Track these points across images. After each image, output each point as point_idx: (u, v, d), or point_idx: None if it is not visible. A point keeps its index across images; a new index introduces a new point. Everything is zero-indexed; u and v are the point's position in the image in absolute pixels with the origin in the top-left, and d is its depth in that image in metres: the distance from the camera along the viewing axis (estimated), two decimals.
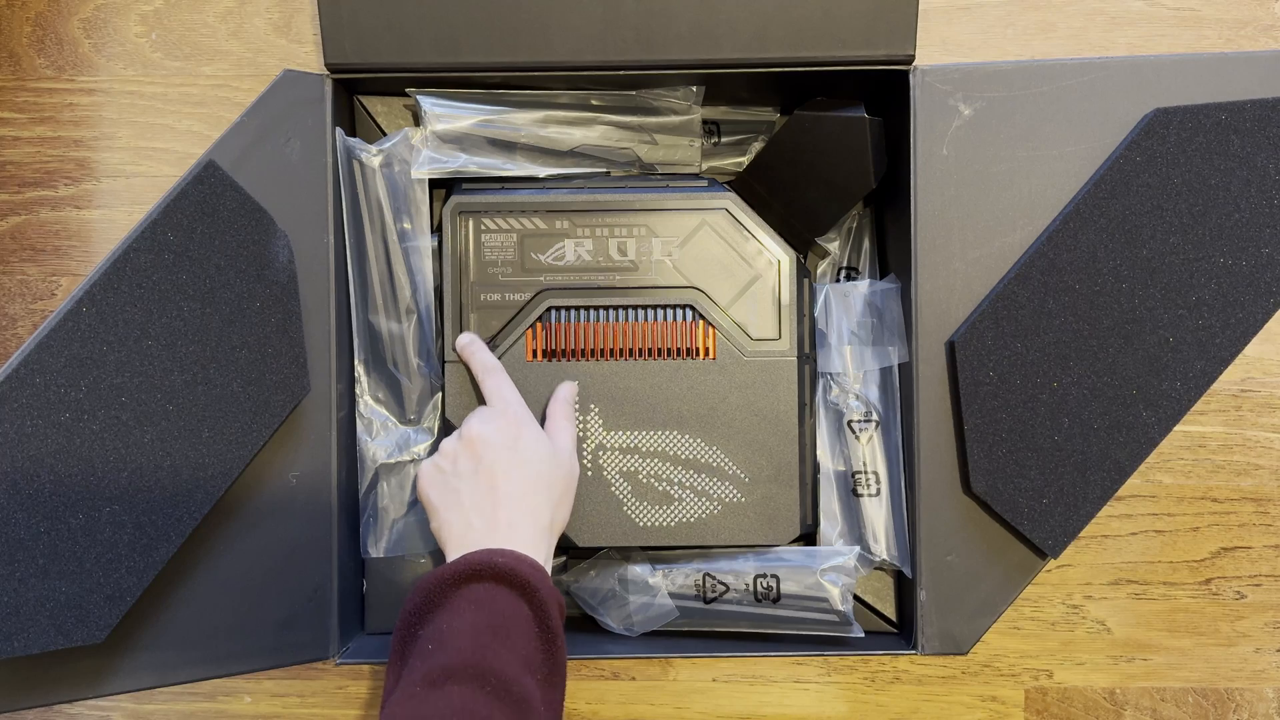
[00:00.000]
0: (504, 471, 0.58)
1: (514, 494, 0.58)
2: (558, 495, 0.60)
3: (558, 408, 0.65)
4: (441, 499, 0.59)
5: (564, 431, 0.63)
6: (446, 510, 0.59)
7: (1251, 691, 0.74)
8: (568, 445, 0.62)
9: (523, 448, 0.59)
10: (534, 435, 0.61)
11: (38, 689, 0.57)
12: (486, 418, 0.61)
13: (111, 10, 0.74)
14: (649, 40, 0.63)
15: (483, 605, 0.53)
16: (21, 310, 0.74)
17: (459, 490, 0.59)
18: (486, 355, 0.65)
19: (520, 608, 0.53)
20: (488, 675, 0.50)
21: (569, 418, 0.64)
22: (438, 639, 0.52)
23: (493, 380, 0.64)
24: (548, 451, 0.60)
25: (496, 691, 0.49)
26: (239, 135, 0.62)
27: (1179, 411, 0.63)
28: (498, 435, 0.59)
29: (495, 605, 0.53)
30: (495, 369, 0.65)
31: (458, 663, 0.50)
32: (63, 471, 0.55)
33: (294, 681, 0.74)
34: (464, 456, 0.59)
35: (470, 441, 0.60)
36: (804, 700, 0.74)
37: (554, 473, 0.60)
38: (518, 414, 0.61)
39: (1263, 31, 0.74)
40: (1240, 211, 0.62)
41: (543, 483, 0.59)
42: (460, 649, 0.51)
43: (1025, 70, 0.64)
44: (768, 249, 0.67)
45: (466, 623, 0.52)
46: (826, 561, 0.66)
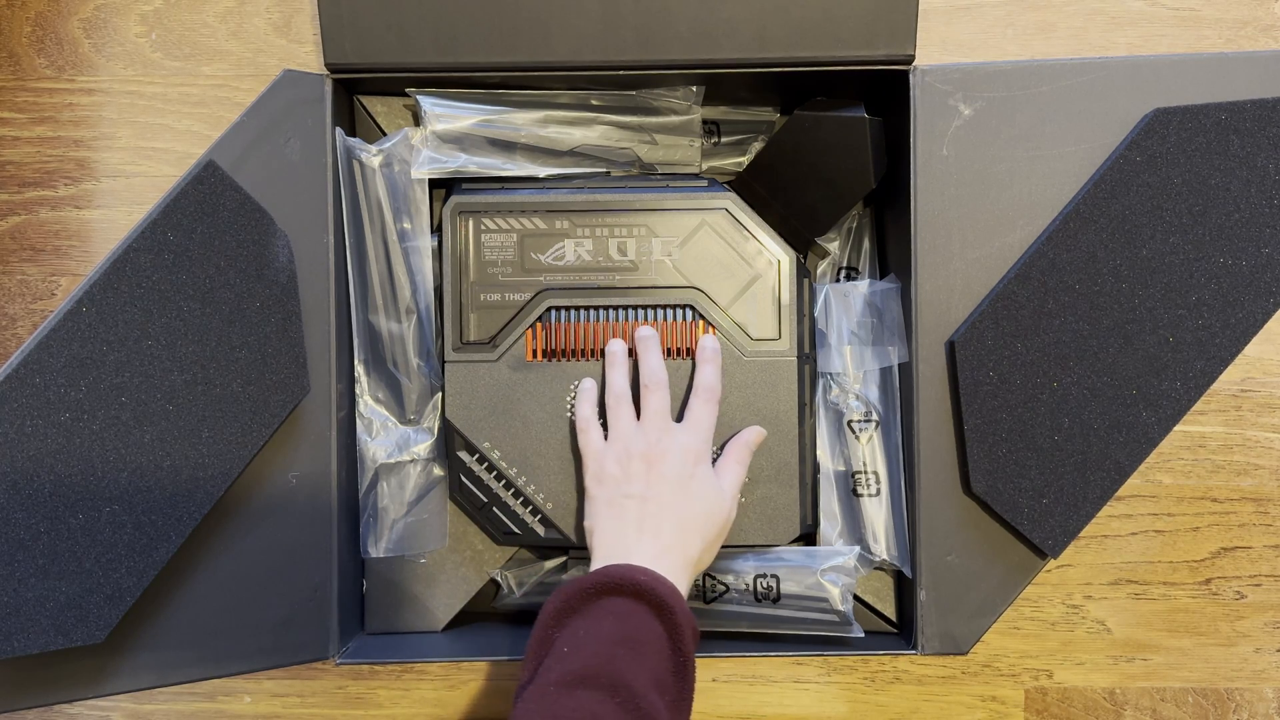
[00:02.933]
0: (671, 502, 0.60)
1: (674, 526, 0.59)
2: (711, 537, 0.61)
3: (735, 449, 0.65)
4: (607, 507, 0.61)
5: (733, 474, 0.64)
6: (607, 519, 0.60)
7: (1251, 691, 0.74)
8: (733, 489, 0.63)
9: (696, 484, 0.61)
10: (706, 474, 0.62)
11: (38, 689, 0.57)
12: (676, 436, 0.62)
13: (111, 10, 0.74)
14: (649, 40, 0.63)
15: (620, 618, 0.54)
16: (21, 310, 0.74)
17: (624, 504, 0.60)
18: (715, 375, 0.65)
19: (655, 627, 0.54)
20: (619, 686, 0.51)
21: (742, 461, 0.64)
22: (574, 644, 0.53)
23: (704, 405, 0.64)
24: (715, 493, 0.62)
25: (625, 704, 0.50)
26: (239, 135, 0.62)
27: (1179, 411, 0.63)
28: (678, 463, 0.61)
29: (632, 620, 0.54)
30: (712, 393, 0.64)
31: (592, 669, 0.51)
32: (63, 471, 0.55)
33: (294, 681, 0.74)
34: (639, 470, 0.61)
35: (650, 458, 0.61)
36: (804, 700, 0.74)
37: (715, 517, 0.61)
38: (701, 448, 0.62)
39: (1263, 31, 0.74)
40: (1240, 211, 0.62)
41: (702, 522, 0.60)
42: (595, 656, 0.52)
43: (1025, 70, 0.64)
44: (768, 249, 0.67)
45: (603, 632, 0.53)
46: (826, 561, 0.66)
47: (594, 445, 0.63)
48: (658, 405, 0.63)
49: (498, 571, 0.71)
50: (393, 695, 0.74)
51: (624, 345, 0.66)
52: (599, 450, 0.63)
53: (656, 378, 0.64)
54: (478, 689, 0.74)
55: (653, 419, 0.63)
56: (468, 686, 0.74)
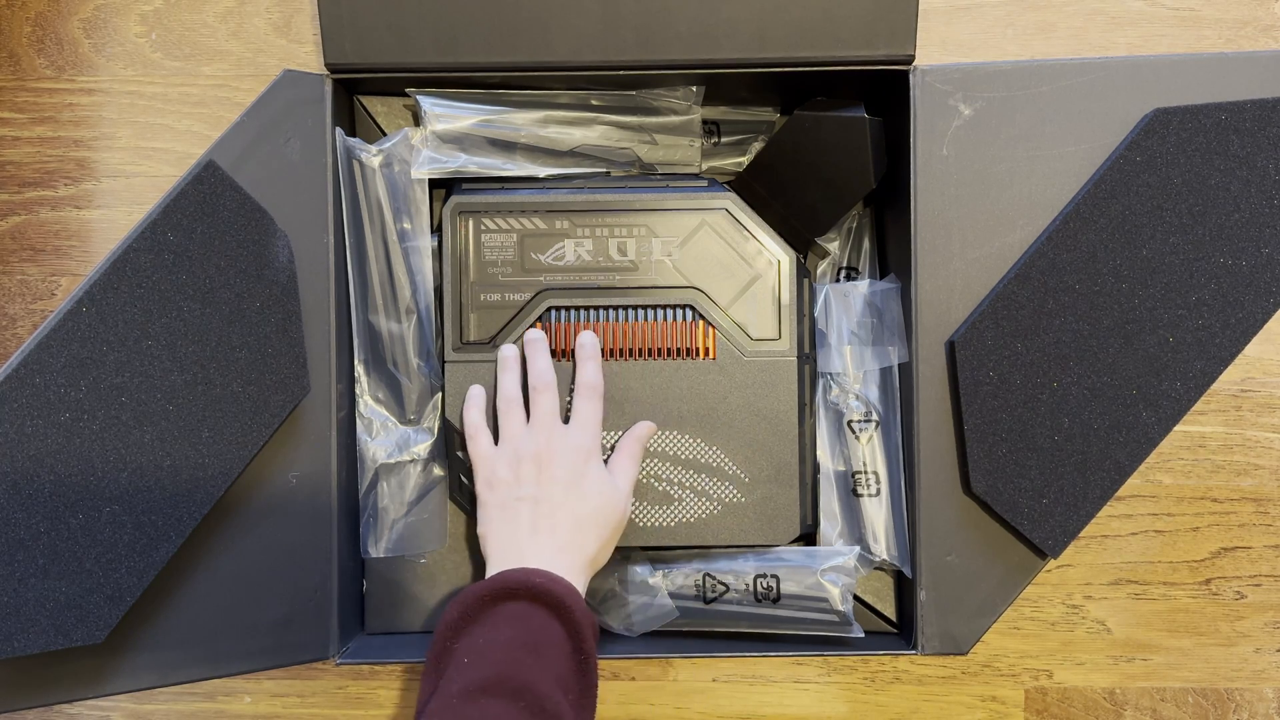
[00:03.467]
0: (563, 503, 0.60)
1: (568, 526, 0.59)
2: (607, 535, 0.61)
3: (628, 444, 0.65)
4: (499, 510, 0.61)
5: (627, 470, 0.64)
6: (500, 522, 0.60)
7: (1251, 691, 0.74)
8: (627, 486, 0.63)
9: (588, 483, 0.61)
10: (598, 471, 0.62)
11: (38, 689, 0.57)
12: (563, 436, 0.62)
13: (111, 10, 0.74)
14: (649, 40, 0.63)
15: (519, 622, 0.54)
16: (21, 310, 0.74)
17: (517, 509, 0.60)
18: (596, 371, 0.65)
19: (555, 627, 0.54)
20: (522, 691, 0.51)
21: (635, 457, 0.64)
22: (474, 653, 0.53)
23: (588, 402, 0.64)
24: (609, 490, 0.61)
25: (531, 708, 0.50)
26: (239, 135, 0.62)
27: (1179, 411, 0.63)
28: (567, 463, 0.61)
29: (531, 623, 0.54)
30: (595, 389, 0.64)
31: (493, 677, 0.51)
32: (63, 471, 0.55)
33: (294, 681, 0.74)
34: (529, 472, 0.61)
35: (539, 459, 0.61)
36: (804, 700, 0.74)
37: (609, 513, 0.61)
38: (591, 445, 0.62)
39: (1263, 31, 0.74)
40: (1240, 211, 0.62)
41: (596, 519, 0.60)
42: (496, 663, 0.52)
43: (1025, 70, 0.64)
44: (768, 249, 0.67)
45: (503, 638, 0.53)
46: (826, 561, 0.66)
47: (484, 450, 0.63)
48: (547, 407, 0.63)
49: None
50: (393, 695, 0.74)
51: (515, 350, 0.66)
52: (489, 455, 0.63)
53: (544, 379, 0.64)
54: None
55: (542, 420, 0.62)
56: None
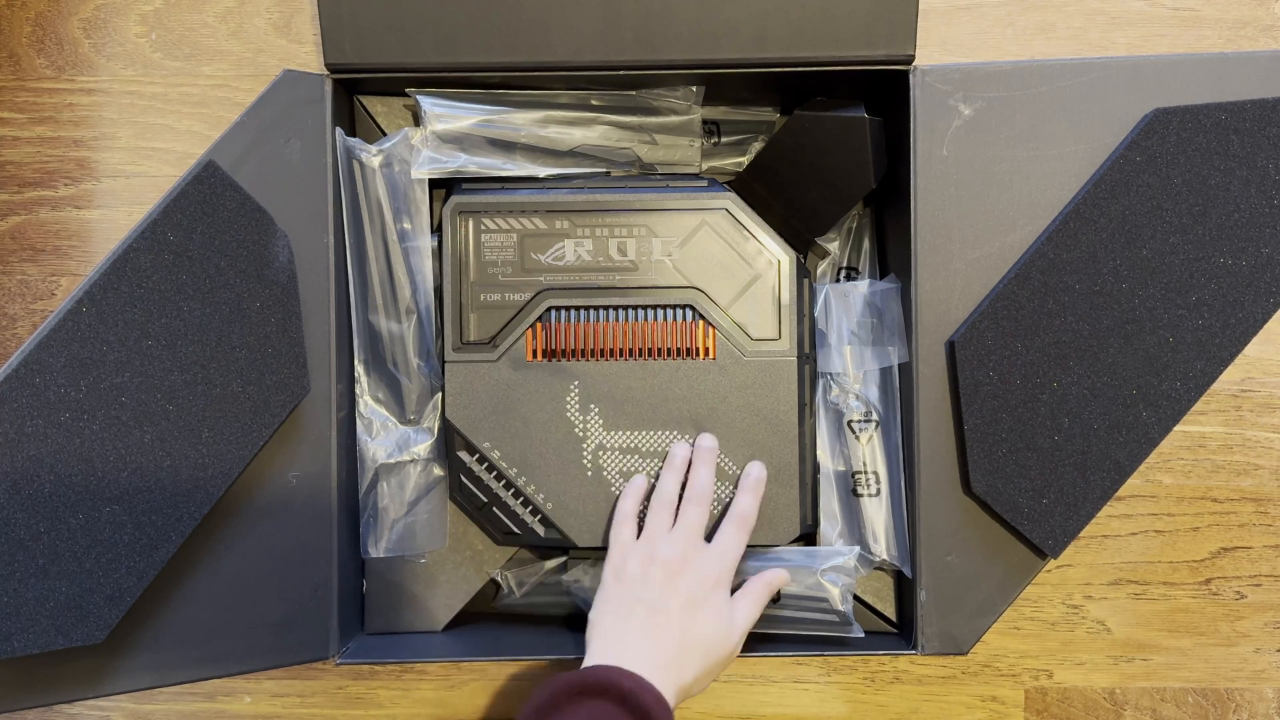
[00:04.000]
0: (678, 621, 0.59)
1: (673, 645, 0.59)
2: (709, 667, 0.60)
3: (757, 586, 0.64)
4: (618, 604, 0.60)
5: (748, 612, 0.62)
6: (614, 616, 0.60)
7: (1251, 691, 0.74)
8: (744, 626, 0.62)
9: (707, 610, 0.60)
10: (721, 602, 0.61)
11: (38, 689, 0.57)
12: (699, 555, 0.62)
13: (111, 10, 0.74)
14: (649, 40, 0.63)
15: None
16: (21, 310, 0.74)
17: (634, 609, 0.60)
18: (753, 505, 0.64)
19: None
20: None
21: (761, 601, 0.63)
22: None
23: (735, 532, 0.63)
24: (725, 625, 0.61)
25: None
26: (239, 135, 0.62)
27: (1179, 411, 0.63)
28: (695, 584, 0.60)
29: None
30: (746, 521, 0.64)
31: None
32: (63, 471, 0.55)
33: (294, 681, 0.74)
34: (658, 578, 0.60)
35: (673, 570, 0.61)
36: (804, 700, 0.74)
37: (717, 647, 0.60)
38: (723, 575, 0.62)
39: (1263, 31, 0.74)
40: (1240, 211, 0.62)
41: (704, 650, 0.60)
42: None
43: (1025, 70, 0.64)
44: (768, 249, 0.67)
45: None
46: (826, 561, 0.66)
47: (623, 540, 0.63)
48: (694, 519, 0.63)
49: (498, 571, 0.71)
50: (393, 695, 0.74)
51: (686, 450, 0.65)
52: (625, 546, 0.63)
53: (701, 492, 0.64)
54: (478, 689, 0.74)
55: (686, 531, 0.62)
56: (468, 686, 0.74)
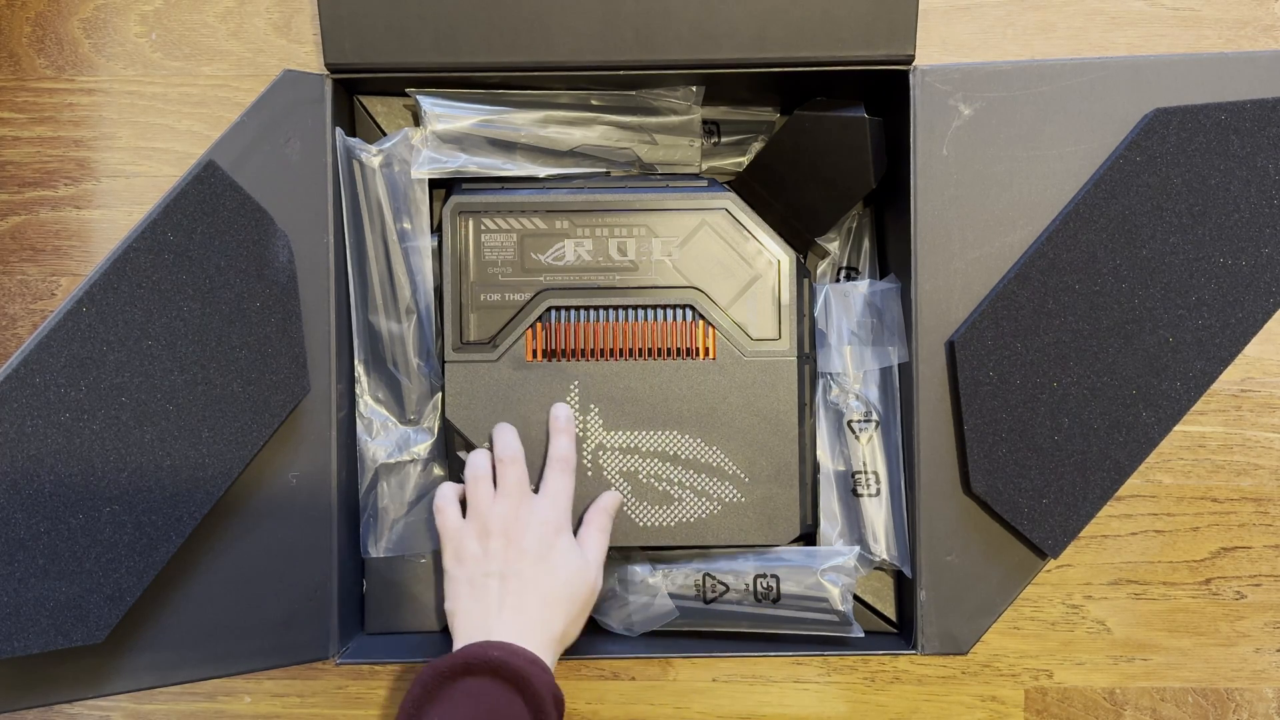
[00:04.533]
0: (532, 579, 0.59)
1: (536, 603, 0.59)
2: (576, 611, 0.60)
3: (596, 517, 0.64)
4: (469, 587, 0.60)
5: (597, 543, 0.63)
6: (468, 599, 0.60)
7: (1251, 691, 0.74)
8: (597, 559, 0.62)
9: (555, 557, 0.60)
10: (568, 545, 0.61)
11: (38, 689, 0.57)
12: (530, 509, 0.61)
13: (111, 10, 0.74)
14: (649, 40, 0.63)
15: (478, 699, 0.54)
16: (21, 310, 0.74)
17: (485, 585, 0.60)
18: (570, 445, 0.65)
19: (515, 701, 0.54)
20: None
21: (604, 529, 0.64)
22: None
23: (559, 476, 0.63)
24: (579, 565, 0.61)
25: None
26: (239, 135, 0.62)
27: (1179, 411, 0.63)
28: (536, 536, 0.60)
29: (489, 699, 0.54)
30: (568, 463, 0.64)
31: None
32: (63, 471, 0.55)
33: (294, 681, 0.74)
34: (497, 547, 0.60)
35: (508, 534, 0.60)
36: (804, 700, 0.74)
37: (579, 588, 0.60)
38: (560, 519, 0.62)
39: (1263, 31, 0.74)
40: (1240, 211, 0.62)
41: (565, 594, 0.60)
42: None
43: (1025, 70, 0.64)
44: (768, 249, 0.67)
45: (461, 716, 0.53)
46: (826, 561, 0.66)
47: (451, 523, 0.62)
48: (514, 478, 0.62)
49: None
50: (393, 695, 0.74)
51: (485, 444, 0.66)
52: (457, 528, 0.62)
53: (511, 451, 0.63)
54: None
55: (509, 492, 0.62)
56: None
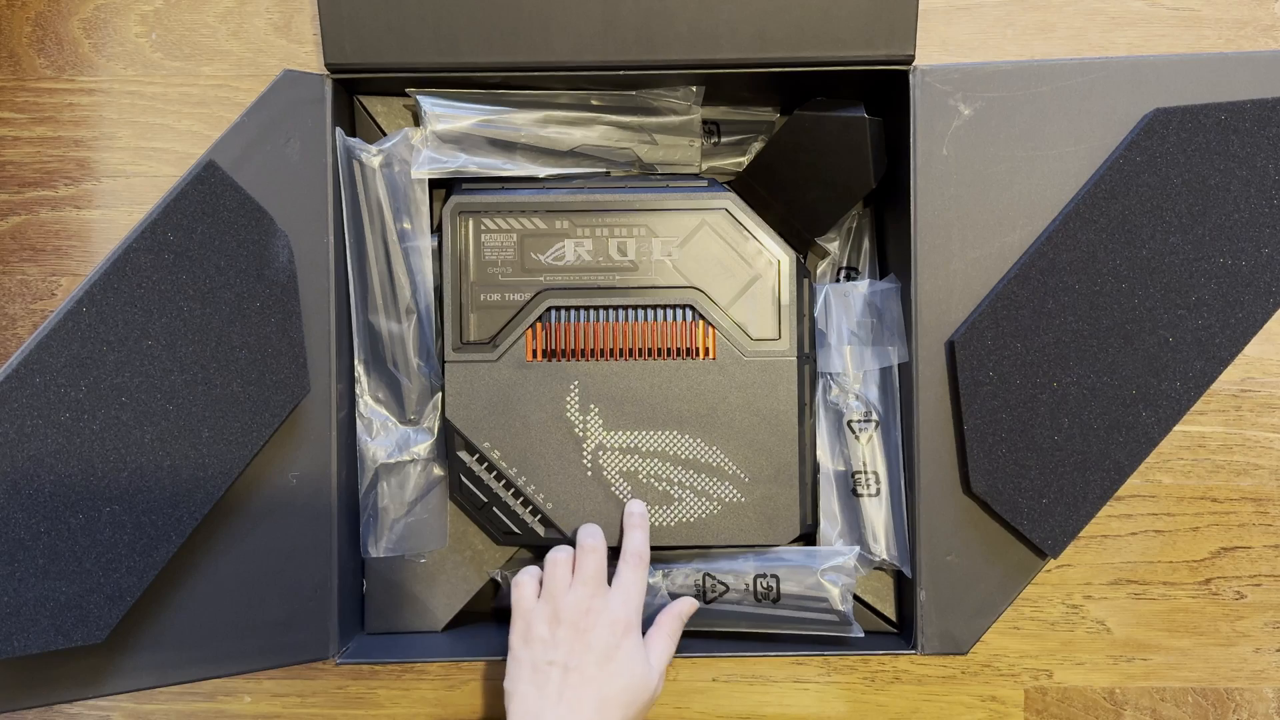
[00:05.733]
0: (594, 677, 0.59)
1: (593, 703, 0.58)
2: (633, 716, 0.60)
3: (668, 621, 0.64)
4: (530, 672, 0.60)
5: (663, 649, 0.62)
6: (529, 684, 0.60)
7: (1251, 691, 0.74)
8: (660, 665, 0.62)
9: (620, 658, 0.60)
10: (634, 647, 0.61)
11: (38, 689, 0.57)
12: (604, 605, 0.61)
13: (111, 10, 0.74)
14: (649, 40, 0.63)
15: None
16: (21, 310, 0.74)
17: (548, 673, 0.59)
18: (644, 541, 0.64)
19: None
20: None
21: (674, 635, 0.63)
22: None
23: (633, 571, 0.63)
24: (642, 671, 0.60)
25: None
26: (239, 135, 0.62)
27: (1179, 411, 0.63)
28: (605, 633, 0.60)
29: None
30: (642, 559, 0.64)
31: None
32: (63, 471, 0.55)
33: (294, 681, 0.74)
34: (566, 635, 0.60)
35: (580, 624, 0.60)
36: (804, 700, 0.74)
37: (638, 694, 0.60)
38: (630, 619, 0.61)
39: (1263, 31, 0.74)
40: (1240, 211, 0.62)
41: (624, 699, 0.59)
42: None
43: (1025, 70, 0.64)
44: (768, 249, 0.67)
45: None
46: (826, 561, 0.66)
47: (526, 601, 0.62)
48: (593, 567, 0.62)
49: (498, 571, 0.71)
50: (393, 695, 0.74)
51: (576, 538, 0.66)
52: (530, 608, 0.62)
53: (594, 541, 0.63)
54: (478, 689, 0.74)
55: (586, 582, 0.62)
56: (468, 686, 0.74)
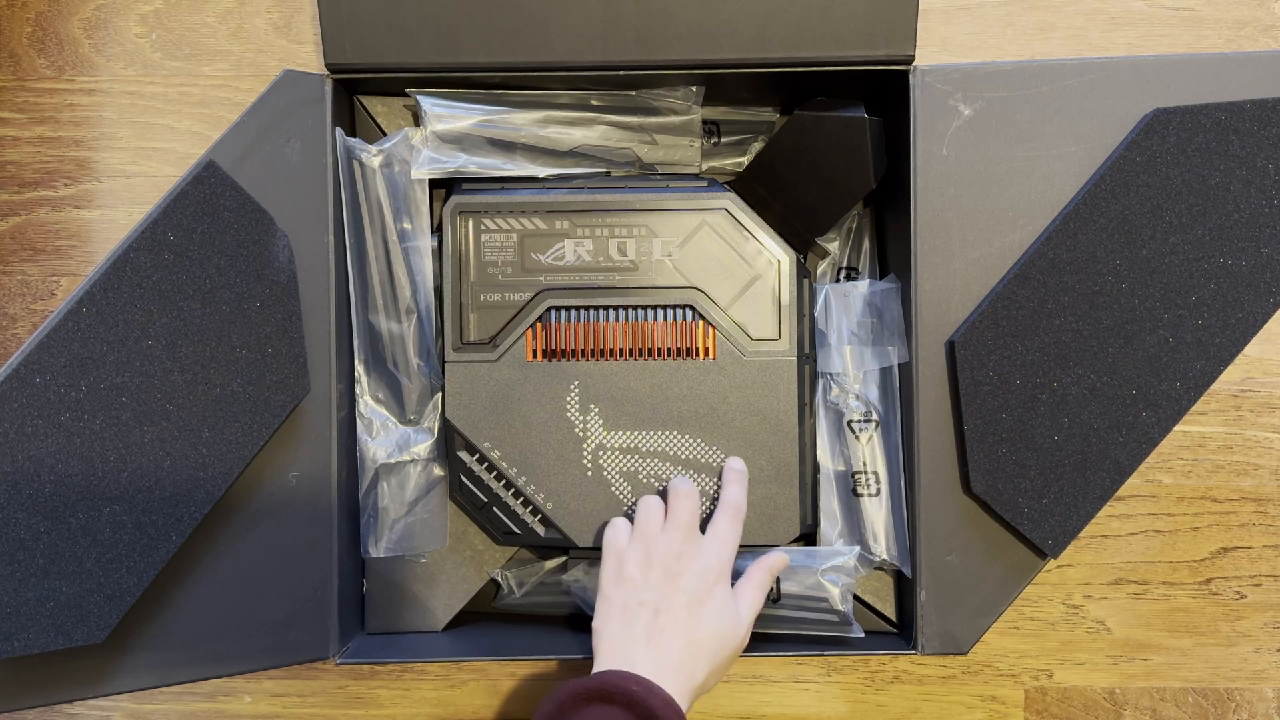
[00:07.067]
0: (683, 619, 0.58)
1: (684, 646, 0.58)
2: (720, 663, 0.59)
3: (758, 574, 0.63)
4: (620, 612, 0.59)
5: (752, 601, 0.62)
6: (618, 623, 0.59)
7: (1251, 691, 0.74)
8: (749, 616, 0.61)
9: (711, 605, 0.59)
10: (724, 596, 0.60)
11: (38, 689, 0.57)
12: (697, 549, 0.61)
13: (111, 10, 0.74)
14: (649, 40, 0.63)
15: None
16: (21, 310, 0.74)
17: (638, 613, 0.59)
18: (741, 494, 0.64)
19: None
20: None
21: (763, 587, 0.63)
22: None
23: (729, 522, 0.63)
24: (731, 619, 0.60)
25: None
26: (239, 135, 0.62)
27: (1179, 411, 0.63)
28: (696, 579, 0.59)
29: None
30: (739, 510, 0.63)
31: None
32: (63, 471, 0.55)
33: (294, 681, 0.74)
34: (657, 579, 0.59)
35: (671, 567, 0.60)
36: (804, 700, 0.74)
37: (726, 642, 0.59)
38: (723, 566, 0.61)
39: (1263, 31, 0.74)
40: (1240, 211, 0.62)
41: (712, 646, 0.59)
42: None
43: (1025, 70, 0.64)
44: (768, 249, 0.67)
45: None
46: (826, 561, 0.66)
47: (619, 541, 0.62)
48: (685, 512, 0.62)
49: (498, 571, 0.71)
50: (393, 695, 0.74)
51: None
52: (620, 549, 0.61)
53: (687, 488, 0.63)
54: (478, 689, 0.74)
55: (679, 526, 0.61)
56: (468, 686, 0.74)
